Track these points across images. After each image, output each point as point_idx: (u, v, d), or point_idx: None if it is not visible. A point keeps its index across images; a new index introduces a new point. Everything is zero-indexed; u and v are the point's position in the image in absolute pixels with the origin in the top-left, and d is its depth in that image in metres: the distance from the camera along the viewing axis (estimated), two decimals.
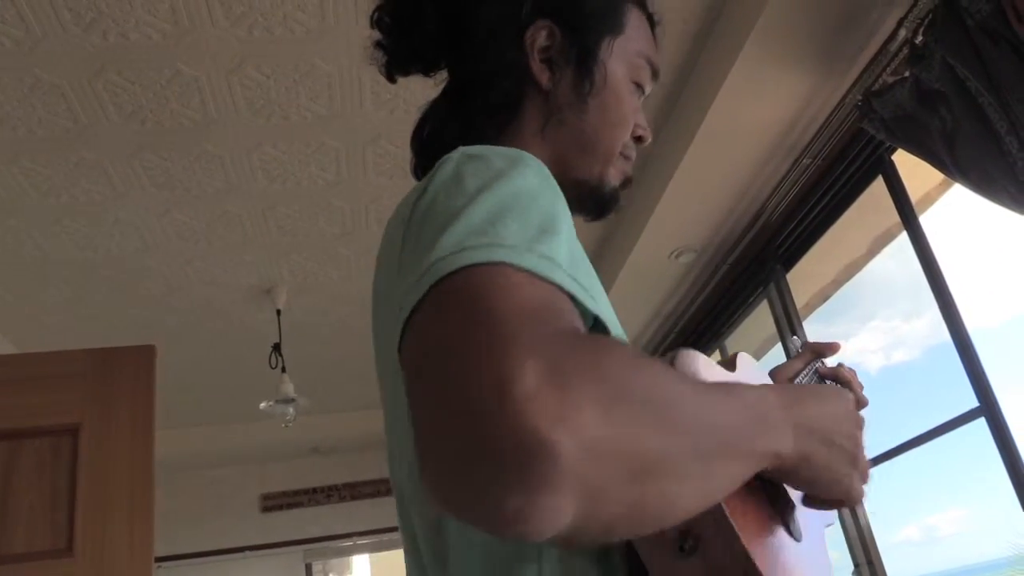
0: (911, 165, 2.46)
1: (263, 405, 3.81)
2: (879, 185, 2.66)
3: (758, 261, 3.45)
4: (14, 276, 3.28)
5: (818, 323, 3.67)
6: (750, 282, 3.56)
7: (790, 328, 3.30)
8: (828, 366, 0.99)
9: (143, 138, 2.58)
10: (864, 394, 0.97)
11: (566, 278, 0.50)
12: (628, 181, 0.87)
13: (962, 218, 3.06)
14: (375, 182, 2.98)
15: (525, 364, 0.39)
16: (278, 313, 3.70)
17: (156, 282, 3.48)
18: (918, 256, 2.47)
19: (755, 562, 0.54)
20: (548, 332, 0.43)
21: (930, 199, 2.75)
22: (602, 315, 0.53)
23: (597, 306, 0.53)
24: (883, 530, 2.94)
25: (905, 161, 2.50)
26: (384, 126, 2.68)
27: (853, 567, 2.95)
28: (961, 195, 2.35)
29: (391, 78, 0.89)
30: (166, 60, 2.29)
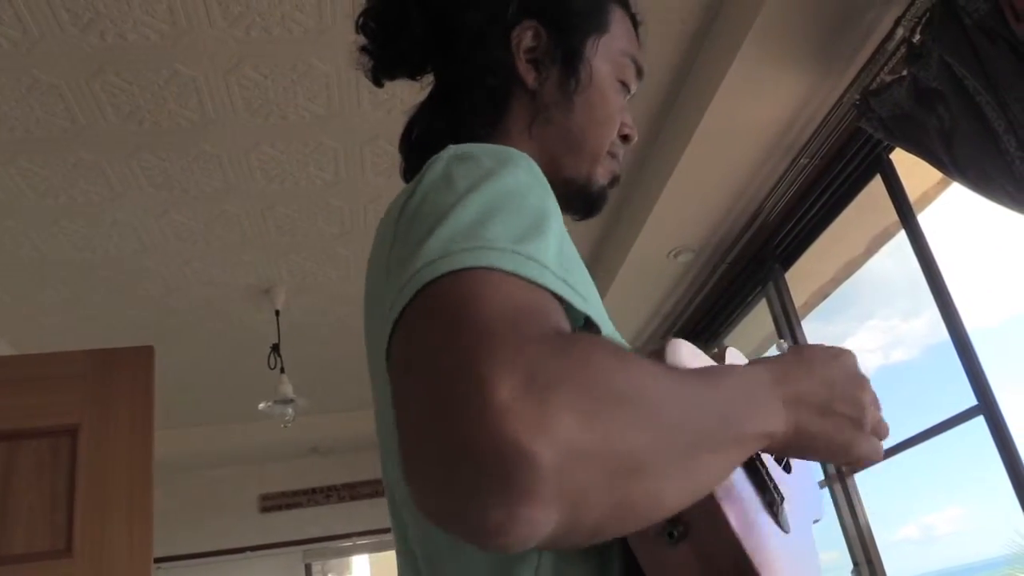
0: (909, 164, 2.47)
1: (262, 405, 3.80)
2: (877, 184, 2.66)
3: (756, 260, 3.45)
4: (12, 277, 3.28)
5: (816, 322, 3.67)
6: (749, 281, 3.56)
7: (789, 327, 3.30)
8: None
9: (141, 138, 2.58)
10: None
11: (553, 279, 0.50)
12: (616, 180, 0.87)
13: (960, 217, 3.07)
14: (373, 182, 2.98)
15: (505, 374, 0.39)
16: (277, 313, 3.70)
17: (154, 283, 3.48)
18: (916, 255, 2.47)
19: (744, 548, 0.54)
20: (530, 338, 0.43)
21: (928, 198, 2.75)
22: (592, 314, 0.53)
23: (587, 305, 0.52)
24: (882, 529, 2.95)
25: (903, 160, 2.50)
26: (382, 126, 2.68)
27: (852, 566, 2.95)
28: (959, 194, 2.35)
29: (378, 82, 0.89)
30: (164, 60, 2.29)
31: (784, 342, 1.07)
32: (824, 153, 2.84)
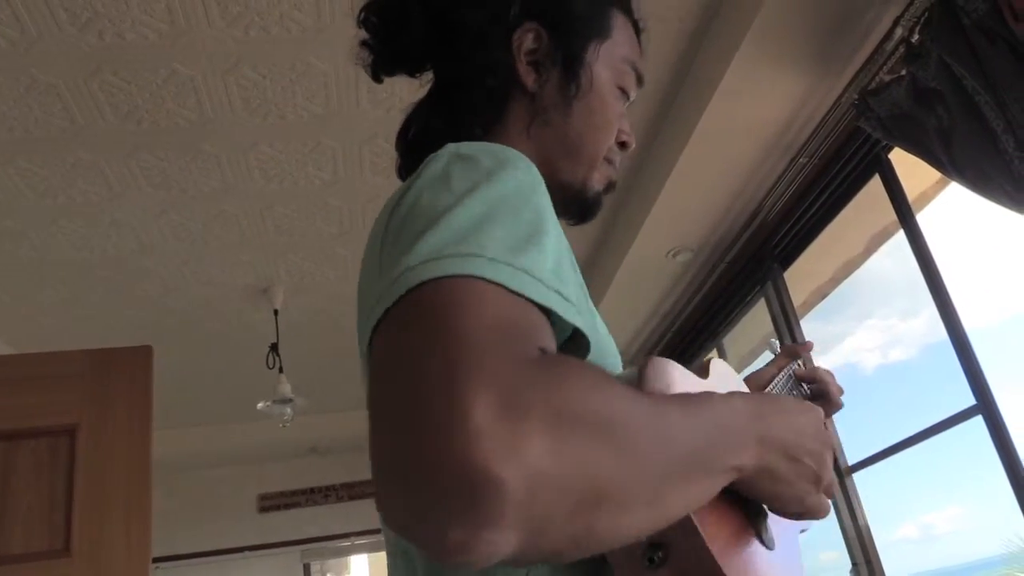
0: (908, 164, 2.47)
1: (261, 405, 3.80)
2: (876, 184, 2.66)
3: (755, 260, 3.46)
4: (11, 277, 3.28)
5: (815, 321, 3.67)
6: (747, 281, 3.56)
7: (787, 327, 3.30)
8: (805, 368, 1.00)
9: (139, 138, 2.58)
10: (841, 399, 0.98)
11: (544, 292, 0.49)
12: (611, 186, 0.87)
13: (959, 216, 3.07)
14: (372, 181, 2.98)
15: (480, 395, 0.39)
16: (275, 313, 3.70)
17: (153, 282, 3.48)
18: (915, 254, 2.47)
19: (725, 573, 0.54)
20: (509, 358, 0.42)
21: (927, 197, 2.76)
22: (582, 325, 0.52)
23: (577, 316, 0.52)
24: (880, 528, 2.95)
25: (902, 160, 2.50)
26: (381, 125, 2.67)
27: (851, 565, 2.96)
28: (958, 193, 2.35)
29: (377, 78, 0.89)
30: (162, 60, 2.28)
31: (776, 341, 1.06)
32: (823, 153, 2.84)
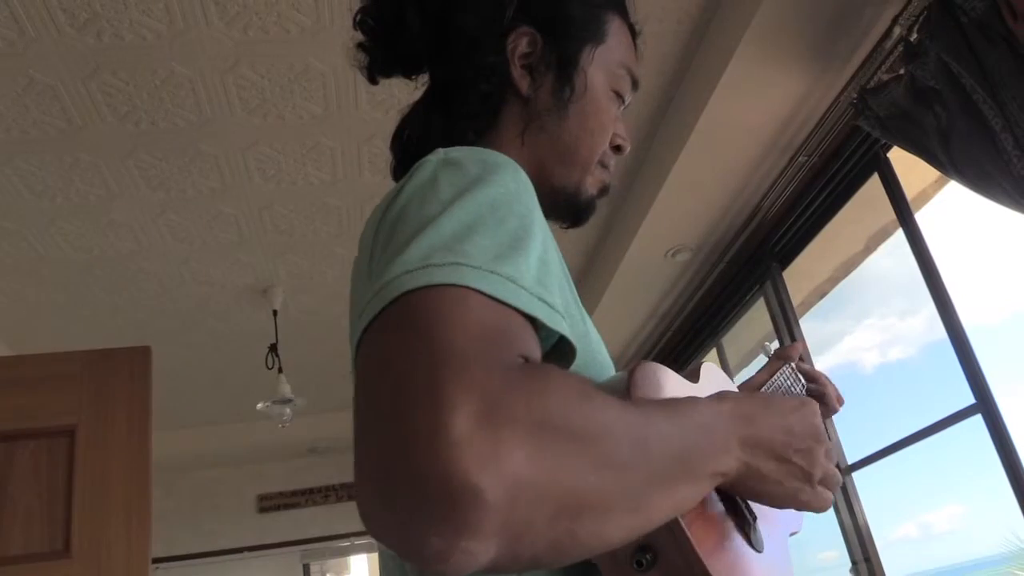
0: (907, 162, 2.47)
1: (260, 405, 3.80)
2: (875, 183, 2.66)
3: (754, 259, 3.46)
4: (9, 277, 3.27)
5: (815, 321, 3.68)
6: (746, 280, 3.56)
7: (787, 326, 3.30)
8: (797, 368, 1.00)
9: (138, 139, 2.58)
10: (837, 404, 0.99)
11: (528, 299, 0.50)
12: (606, 189, 0.87)
13: (958, 215, 3.07)
14: (371, 181, 2.97)
15: (462, 404, 0.40)
16: (274, 313, 3.69)
17: (152, 283, 3.48)
18: (914, 253, 2.47)
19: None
20: (492, 367, 0.43)
21: (926, 196, 2.76)
22: (567, 332, 0.53)
23: (562, 323, 0.53)
24: (880, 527, 2.95)
25: (901, 158, 2.50)
26: (379, 125, 2.67)
27: (851, 564, 2.96)
28: (957, 192, 2.36)
29: (373, 80, 0.89)
30: (161, 60, 2.28)
31: (769, 344, 1.07)
32: (822, 152, 2.84)
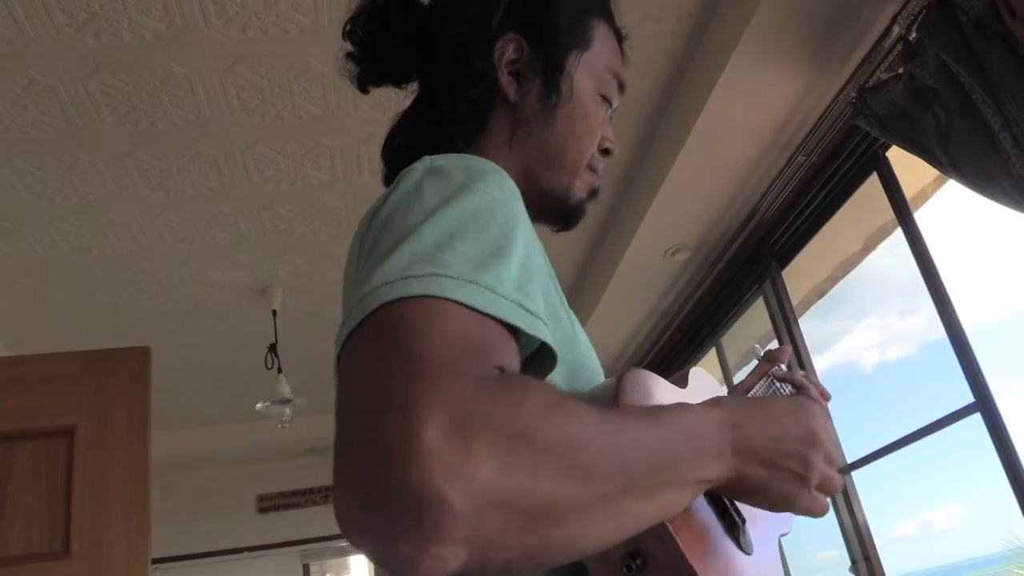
0: (906, 161, 2.47)
1: (259, 406, 3.80)
2: (874, 182, 2.66)
3: (753, 259, 3.46)
4: (8, 278, 3.27)
5: (814, 320, 3.68)
6: (746, 279, 3.56)
7: (786, 325, 3.30)
8: (782, 372, 1.01)
9: (137, 139, 2.57)
10: (825, 389, 0.99)
11: (507, 307, 0.50)
12: (594, 193, 0.88)
13: (957, 214, 3.07)
14: (370, 182, 2.97)
15: (435, 415, 0.41)
16: (274, 313, 3.69)
17: (151, 283, 3.48)
18: (913, 253, 2.48)
19: None
20: (466, 378, 0.44)
21: (925, 195, 2.76)
22: (548, 339, 0.54)
23: (542, 329, 0.53)
24: (880, 526, 2.95)
25: (900, 157, 2.51)
26: (379, 125, 2.67)
27: (850, 563, 2.96)
28: (956, 191, 2.36)
29: (363, 89, 0.90)
30: (160, 60, 2.28)
31: (759, 346, 1.07)
32: (821, 151, 2.84)
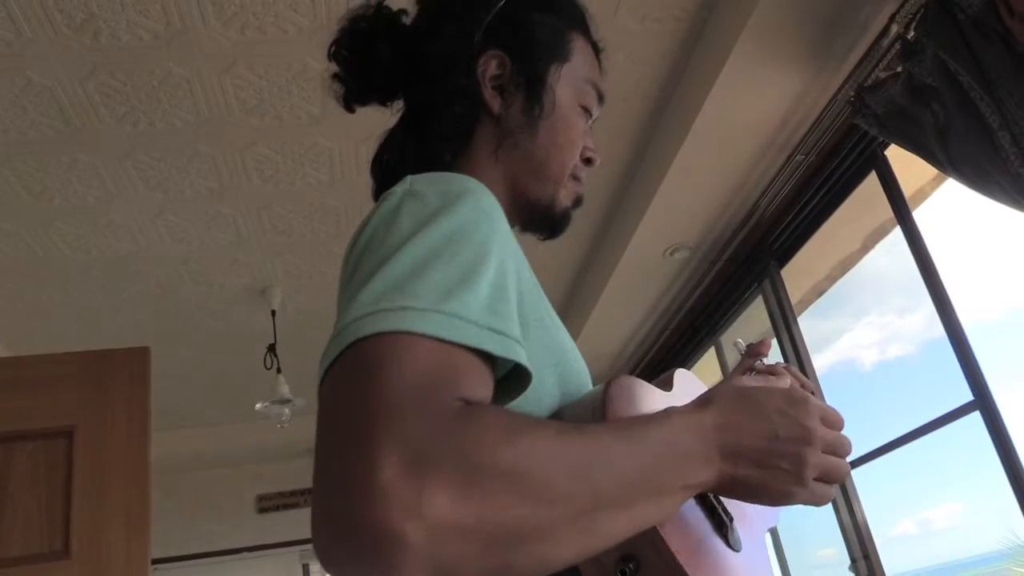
0: (904, 160, 2.47)
1: (259, 406, 3.80)
2: (873, 181, 2.66)
3: (752, 257, 3.46)
4: (7, 278, 3.27)
5: (813, 319, 3.68)
6: (745, 278, 3.56)
7: (785, 324, 3.30)
8: (765, 365, 1.03)
9: (136, 139, 2.57)
10: (807, 381, 1.02)
11: (476, 333, 0.52)
12: (579, 201, 0.91)
13: (956, 212, 3.08)
14: (369, 182, 2.96)
15: (388, 455, 0.43)
16: (273, 313, 3.69)
17: (150, 283, 3.47)
18: (912, 251, 2.48)
19: None
20: (423, 415, 0.46)
21: (924, 194, 2.76)
22: (520, 358, 0.55)
23: (514, 348, 0.55)
24: (879, 524, 2.95)
25: (899, 156, 2.51)
26: (378, 126, 2.65)
27: (850, 561, 2.96)
28: (954, 190, 2.36)
29: (350, 109, 0.94)
30: (158, 61, 2.28)
31: (741, 341, 1.08)
32: (819, 150, 2.84)
